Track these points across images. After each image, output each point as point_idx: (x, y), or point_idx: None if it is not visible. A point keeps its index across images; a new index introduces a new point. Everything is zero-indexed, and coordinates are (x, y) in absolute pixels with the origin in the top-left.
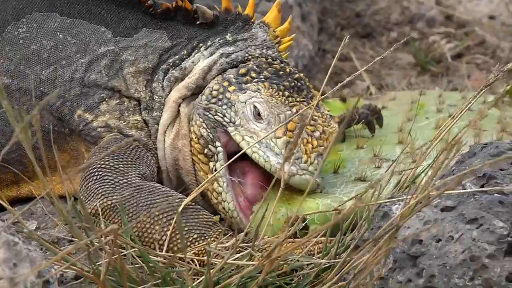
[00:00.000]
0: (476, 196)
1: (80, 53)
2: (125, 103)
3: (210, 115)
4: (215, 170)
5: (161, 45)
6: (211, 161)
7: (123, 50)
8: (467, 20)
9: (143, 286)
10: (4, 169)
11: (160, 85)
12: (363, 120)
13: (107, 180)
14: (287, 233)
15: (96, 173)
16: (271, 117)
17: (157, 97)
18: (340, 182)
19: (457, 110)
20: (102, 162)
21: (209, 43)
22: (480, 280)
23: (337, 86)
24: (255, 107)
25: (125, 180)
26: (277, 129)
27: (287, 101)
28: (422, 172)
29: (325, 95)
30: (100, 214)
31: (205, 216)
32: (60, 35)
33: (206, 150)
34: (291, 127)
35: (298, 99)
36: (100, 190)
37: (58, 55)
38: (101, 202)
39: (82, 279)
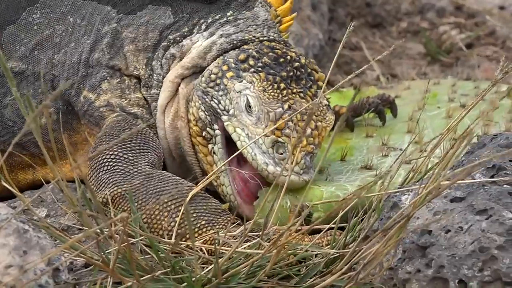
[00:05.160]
0: (485, 187)
1: (87, 34)
2: (126, 82)
3: (207, 100)
4: (214, 152)
5: (163, 22)
6: (210, 144)
7: (124, 27)
8: (477, 10)
9: (152, 274)
10: (20, 152)
11: (159, 63)
12: (372, 109)
13: (117, 170)
14: (294, 222)
15: (107, 163)
16: (260, 114)
17: (155, 75)
18: (346, 170)
19: (469, 100)
20: (111, 152)
21: (210, 20)
22: (489, 271)
23: (347, 78)
24: (247, 99)
25: (135, 169)
26: (266, 127)
27: (280, 95)
28: (434, 166)
29: (334, 88)
30: (110, 203)
31: (214, 204)
32: (71, 19)
33: (204, 133)
34: (280, 126)
35: (294, 90)
36: (111, 180)
37: (68, 39)
38: (111, 191)
39: (91, 267)
